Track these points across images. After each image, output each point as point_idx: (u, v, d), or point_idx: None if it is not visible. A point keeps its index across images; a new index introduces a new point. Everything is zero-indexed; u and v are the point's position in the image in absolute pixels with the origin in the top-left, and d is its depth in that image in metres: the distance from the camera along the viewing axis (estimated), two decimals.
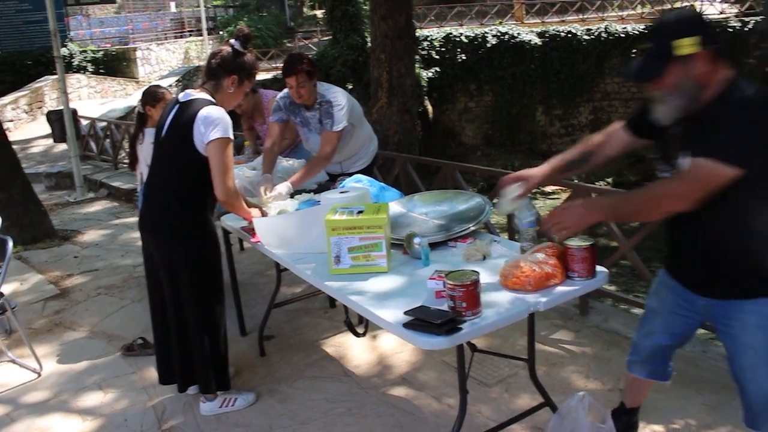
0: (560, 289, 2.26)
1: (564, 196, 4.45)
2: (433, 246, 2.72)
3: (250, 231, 3.20)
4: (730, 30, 16.94)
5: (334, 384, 3.48)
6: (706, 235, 2.04)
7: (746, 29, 16.80)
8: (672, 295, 2.29)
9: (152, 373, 3.54)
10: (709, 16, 18.18)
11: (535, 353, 2.74)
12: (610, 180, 15.96)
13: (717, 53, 1.92)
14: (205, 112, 2.87)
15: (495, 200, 4.99)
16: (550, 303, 2.20)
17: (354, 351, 3.82)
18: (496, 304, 2.18)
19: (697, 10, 18.02)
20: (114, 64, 20.37)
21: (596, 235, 7.54)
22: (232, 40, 3.06)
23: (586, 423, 2.36)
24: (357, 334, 3.81)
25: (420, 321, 2.06)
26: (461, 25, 18.43)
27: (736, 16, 17.58)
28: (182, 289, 3.03)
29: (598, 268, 2.39)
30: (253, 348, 3.87)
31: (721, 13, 18.67)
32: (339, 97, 3.87)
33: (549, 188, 14.04)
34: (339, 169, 4.23)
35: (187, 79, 18.01)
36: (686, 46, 1.89)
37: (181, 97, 3.02)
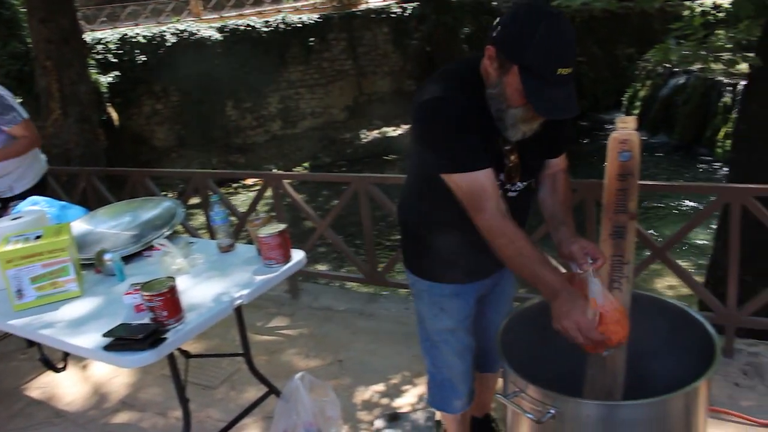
0: (260, 278, 2.31)
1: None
2: (128, 259, 2.59)
3: None
4: (393, 15, 18.50)
5: (46, 429, 3.16)
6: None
7: (406, 14, 18.50)
8: (463, 300, 2.12)
9: None
10: (373, 4, 19.65)
11: (249, 346, 2.77)
12: (307, 164, 16.57)
13: None
14: None
15: (193, 200, 4.92)
16: (252, 295, 2.24)
17: (64, 388, 3.50)
18: (199, 305, 2.15)
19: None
20: None
21: (301, 218, 7.80)
22: None
23: (309, 400, 2.45)
24: (56, 370, 3.51)
25: (121, 340, 1.96)
26: (137, 24, 17.59)
27: (397, 3, 19.20)
28: None
29: (296, 251, 2.48)
30: None
31: (384, 0, 20.25)
32: (3, 90, 3.64)
33: (250, 181, 14.16)
34: (9, 191, 3.81)
35: None
36: None
37: None
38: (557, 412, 1.62)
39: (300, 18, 17.63)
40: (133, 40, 15.22)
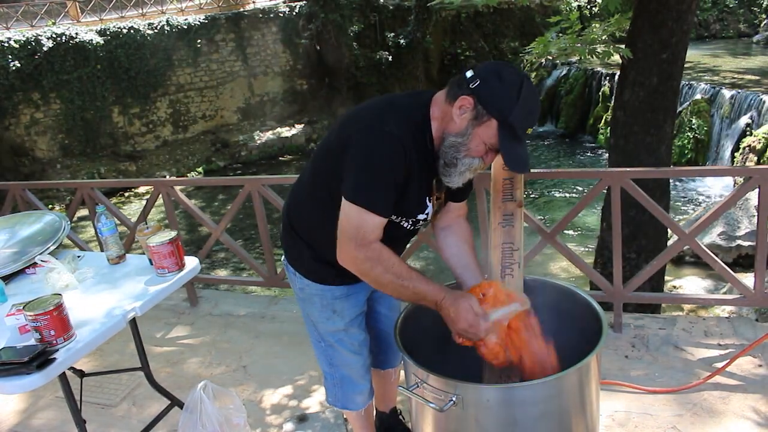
0: (153, 288, 2.23)
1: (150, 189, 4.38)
2: (9, 278, 2.45)
3: None
4: (282, 15, 18.34)
5: None
6: None
7: (294, 13, 18.39)
8: (354, 299, 2.14)
9: None
10: (261, 4, 19.40)
11: (147, 358, 2.69)
12: (200, 169, 16.20)
13: None
14: None
15: (83, 212, 4.69)
16: (146, 306, 2.16)
17: None
18: (90, 321, 2.06)
19: None
20: None
21: (198, 225, 7.62)
22: None
23: (214, 409, 2.40)
24: None
25: (4, 365, 1.85)
26: (7, 28, 16.59)
27: (284, 2, 19.03)
28: None
29: (189, 258, 2.42)
30: None
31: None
32: None
33: (142, 189, 13.70)
34: None
35: None
36: None
37: None
38: (459, 399, 1.66)
39: (185, 19, 17.17)
40: (5, 45, 14.31)
